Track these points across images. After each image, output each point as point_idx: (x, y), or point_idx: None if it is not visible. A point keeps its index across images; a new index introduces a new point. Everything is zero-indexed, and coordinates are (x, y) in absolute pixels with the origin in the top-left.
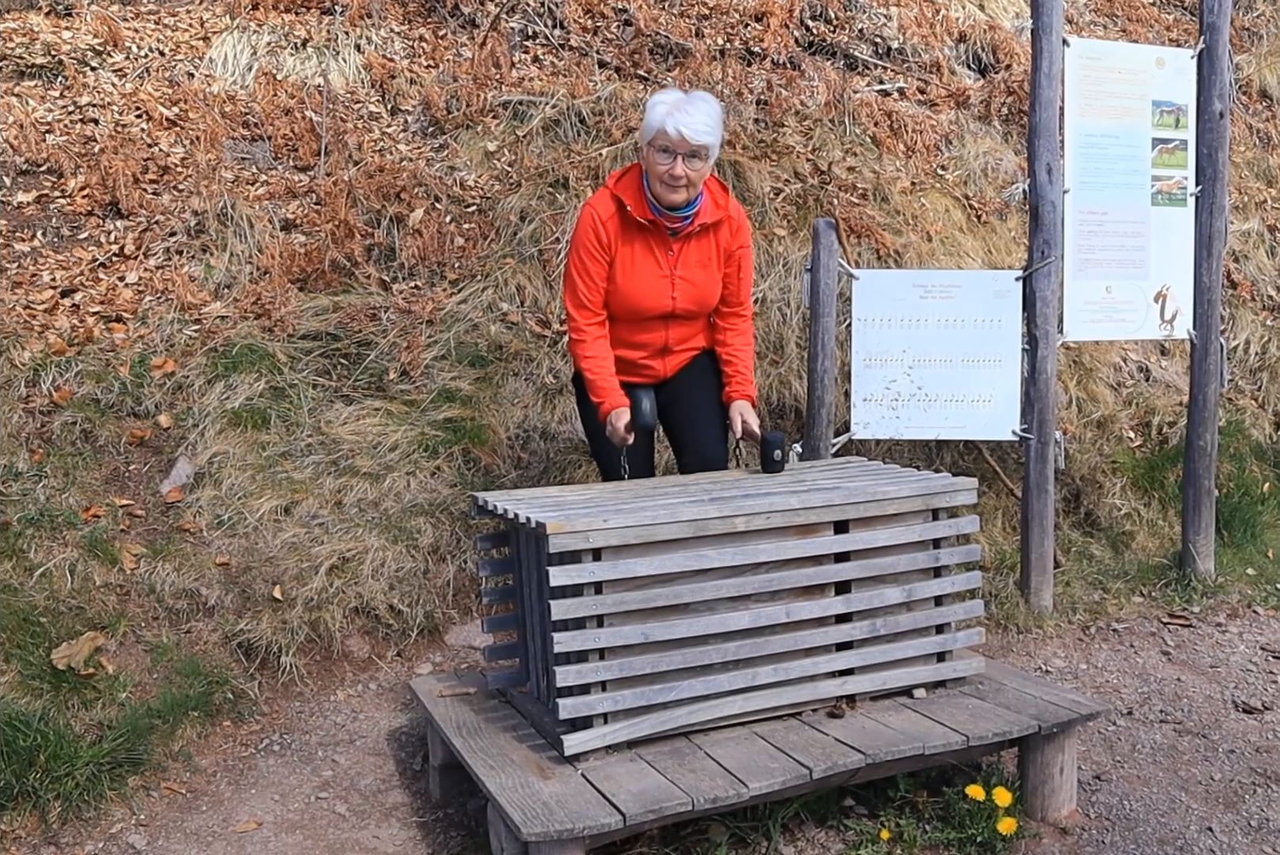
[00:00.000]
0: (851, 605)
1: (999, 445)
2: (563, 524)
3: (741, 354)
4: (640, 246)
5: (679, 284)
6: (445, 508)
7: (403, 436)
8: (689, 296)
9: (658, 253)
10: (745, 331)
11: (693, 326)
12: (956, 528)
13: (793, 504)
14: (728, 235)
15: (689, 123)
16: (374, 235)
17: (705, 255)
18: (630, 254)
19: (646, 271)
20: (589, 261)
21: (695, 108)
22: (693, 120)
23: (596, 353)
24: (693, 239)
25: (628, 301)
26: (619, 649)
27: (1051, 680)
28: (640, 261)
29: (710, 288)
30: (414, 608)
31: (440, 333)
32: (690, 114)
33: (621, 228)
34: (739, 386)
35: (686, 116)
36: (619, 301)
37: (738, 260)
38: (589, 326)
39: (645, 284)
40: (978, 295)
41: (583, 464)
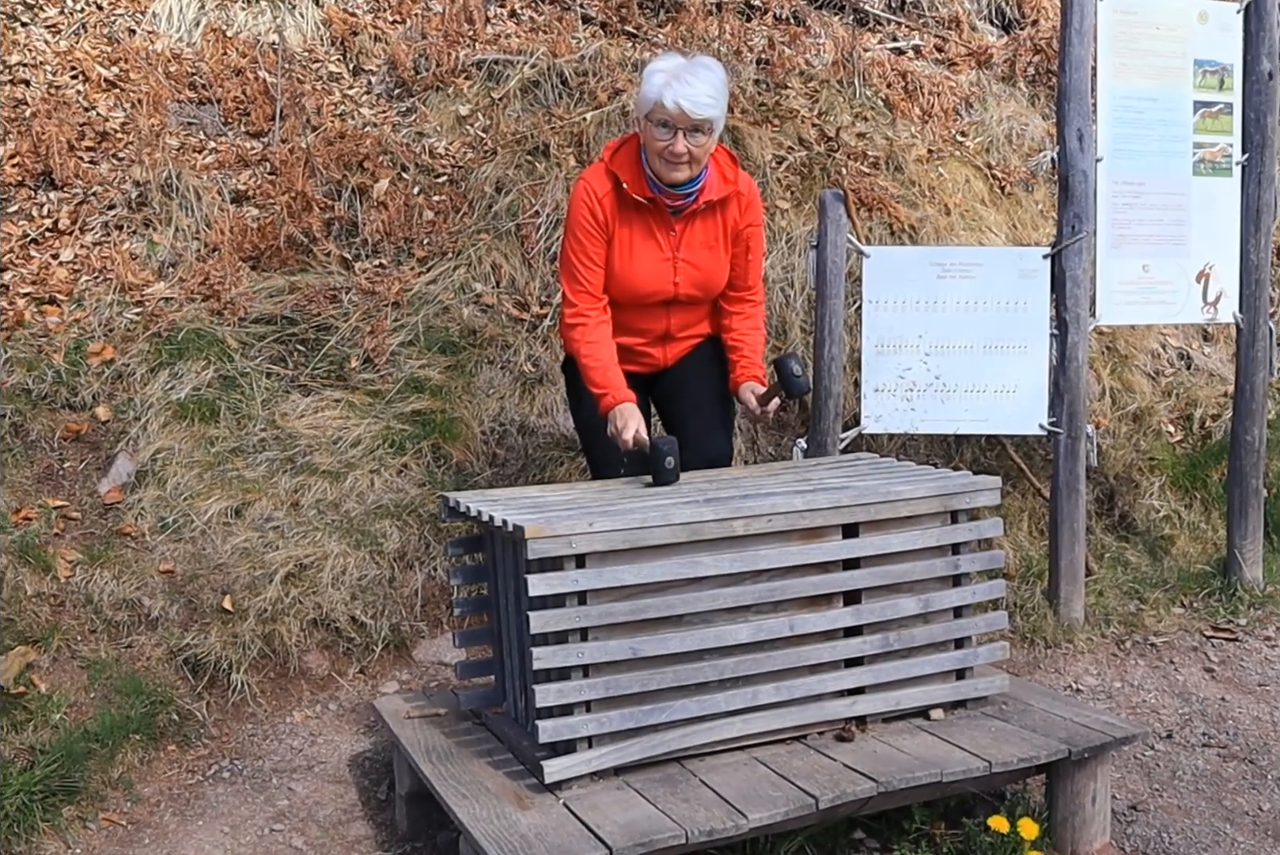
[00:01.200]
0: (861, 617)
1: (1025, 440)
2: (542, 527)
3: (749, 338)
4: (639, 227)
5: (682, 267)
6: (413, 509)
7: (366, 431)
8: (693, 281)
9: (658, 234)
10: (754, 316)
11: (696, 312)
12: (978, 531)
13: (797, 505)
14: (736, 212)
15: (689, 94)
16: (334, 208)
17: (711, 235)
18: (628, 235)
19: (646, 255)
20: (586, 241)
21: (696, 76)
22: (693, 91)
23: (598, 338)
24: (697, 218)
25: (625, 287)
26: (605, 666)
27: (1083, 700)
28: (639, 244)
29: (716, 271)
30: (378, 620)
31: (407, 316)
32: (690, 84)
33: (618, 206)
34: (746, 369)
35: (686, 87)
36: (616, 287)
37: (747, 240)
38: (591, 311)
39: (644, 268)
40: (1001, 274)
41: (565, 461)
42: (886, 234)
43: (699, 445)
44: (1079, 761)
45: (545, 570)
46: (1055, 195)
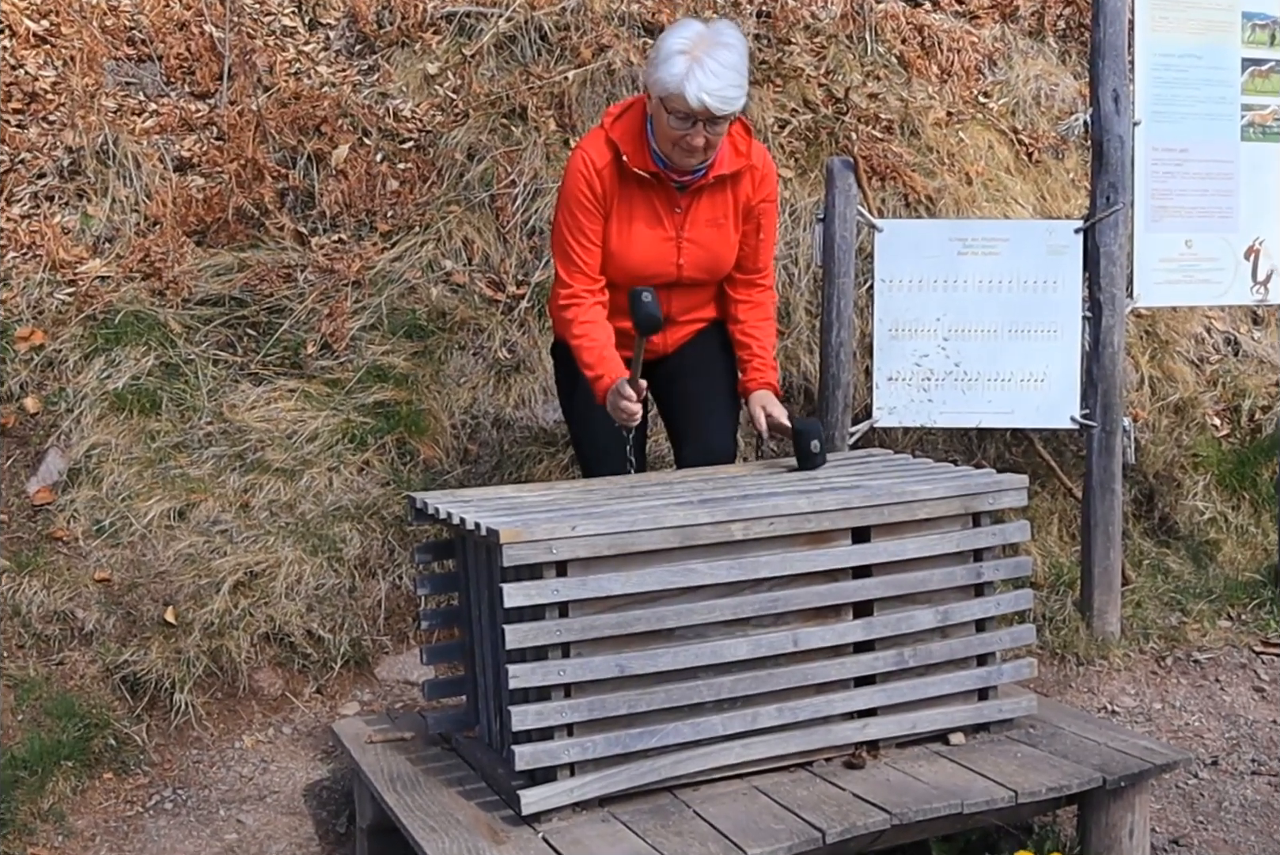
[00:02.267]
0: (873, 631)
1: (1054, 435)
2: (519, 531)
3: (759, 332)
4: (640, 203)
5: (686, 248)
6: (376, 511)
7: (324, 424)
8: (698, 263)
9: (661, 211)
10: (763, 304)
11: (700, 294)
12: (1002, 536)
13: (801, 506)
14: (749, 187)
15: (714, 88)
16: (288, 177)
17: (720, 212)
18: (627, 212)
19: (647, 234)
20: (582, 217)
21: (720, 62)
22: (719, 84)
23: (593, 318)
24: (705, 193)
25: (623, 268)
26: (588, 684)
27: (1119, 723)
28: (640, 221)
29: (724, 252)
30: (337, 634)
31: (369, 297)
32: (716, 74)
33: (618, 179)
34: (758, 373)
35: (711, 79)
36: (613, 267)
37: (759, 217)
38: (586, 293)
39: (645, 248)
40: (1029, 251)
41: (544, 458)
42: (901, 206)
43: (699, 439)
44: (1115, 791)
45: (522, 579)
46: (1088, 163)
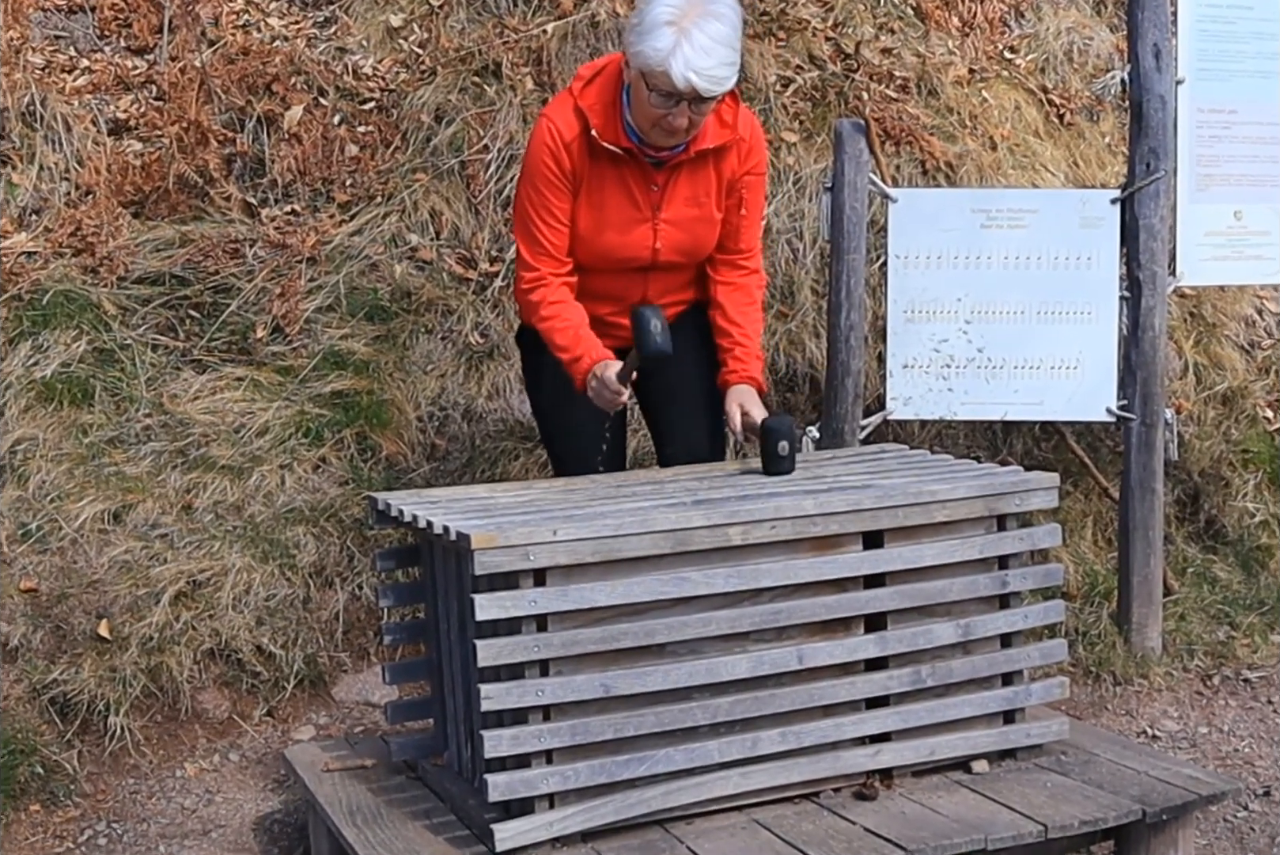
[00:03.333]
0: (887, 646)
1: (1089, 429)
2: (493, 536)
3: (742, 318)
4: (612, 180)
5: (663, 230)
6: (333, 514)
7: (275, 416)
8: (676, 246)
9: (635, 189)
10: (747, 287)
11: (680, 276)
12: (1031, 541)
13: (807, 508)
14: (735, 161)
15: (704, 67)
16: (236, 142)
17: (701, 189)
18: (598, 189)
19: (620, 215)
20: (549, 194)
21: (711, 34)
22: (709, 62)
23: (562, 298)
24: (684, 168)
25: (594, 251)
26: (570, 706)
27: (1160, 749)
28: (612, 201)
29: (705, 233)
30: (290, 650)
31: (326, 274)
32: (707, 51)
33: (588, 153)
34: (740, 364)
35: (701, 57)
36: (583, 250)
37: (742, 191)
38: (552, 276)
39: (618, 231)
40: (1060, 223)
41: (520, 454)
42: (918, 173)
43: (681, 438)
44: (1155, 825)
45: (496, 588)
46: (1125, 126)
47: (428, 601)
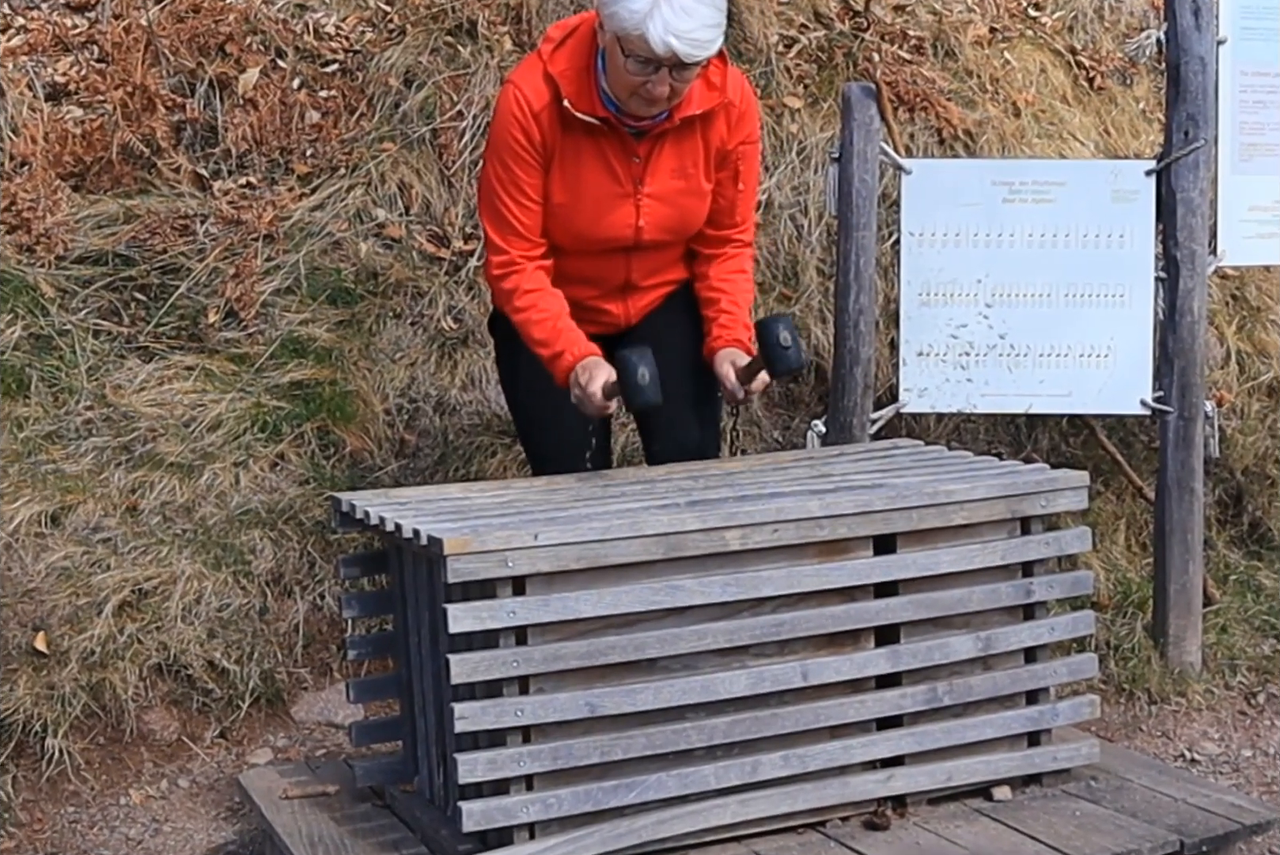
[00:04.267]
0: (900, 661)
1: (1121, 423)
2: (467, 540)
3: (729, 285)
4: (588, 152)
5: (647, 206)
6: (292, 516)
7: (229, 409)
8: (662, 223)
9: (614, 161)
10: (737, 257)
11: (667, 255)
12: (1058, 546)
13: (812, 510)
14: (724, 129)
15: (686, 31)
16: (185, 108)
17: (688, 160)
18: (573, 163)
19: (597, 190)
20: (518, 170)
21: None
22: (691, 25)
23: (537, 285)
24: (668, 137)
25: (570, 232)
26: (552, 727)
27: (1200, 774)
28: (588, 175)
29: (693, 208)
30: (245, 665)
31: (284, 253)
32: (688, 12)
33: (560, 124)
34: (725, 330)
35: (682, 19)
36: (559, 230)
37: (735, 162)
38: (524, 259)
39: (596, 208)
40: (1090, 197)
41: (498, 450)
42: (934, 142)
43: (672, 434)
44: None
45: (471, 598)
46: (1161, 90)
47: (396, 612)
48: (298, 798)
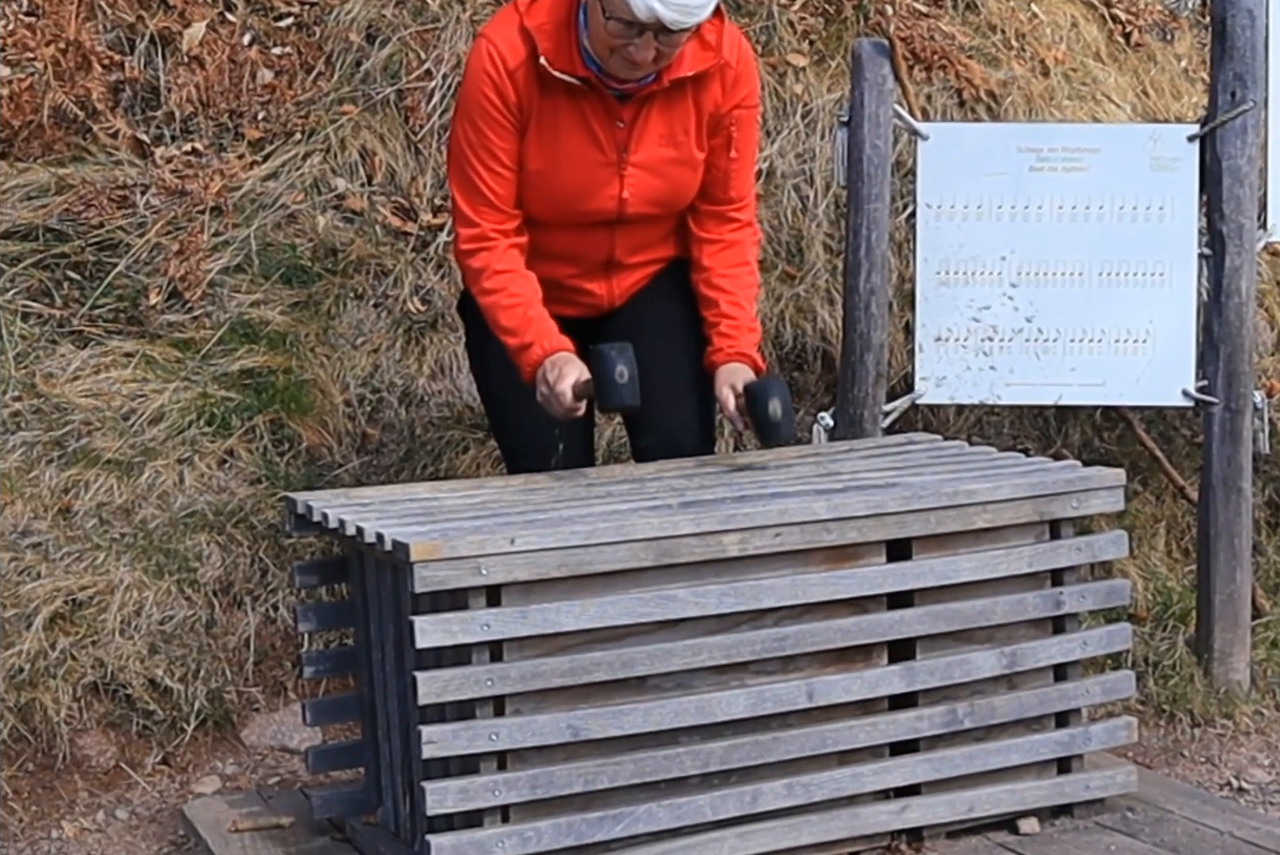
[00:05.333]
0: (916, 679)
1: (1161, 415)
2: (437, 545)
3: (731, 283)
4: (567, 116)
5: (632, 176)
6: (242, 518)
7: (172, 400)
8: (648, 195)
9: (596, 126)
10: (738, 244)
11: (654, 230)
12: (1090, 551)
13: (819, 512)
14: (718, 91)
15: None
16: (124, 66)
17: (678, 126)
18: (551, 127)
19: (577, 158)
20: (490, 133)
21: None
22: None
23: (509, 266)
24: (656, 101)
25: (548, 203)
26: (531, 753)
27: (1248, 805)
28: (567, 140)
29: (684, 179)
30: (190, 684)
31: (234, 228)
32: None
33: (538, 84)
34: (728, 340)
35: None
36: (532, 200)
37: (730, 128)
38: (497, 233)
39: (575, 178)
40: (1126, 165)
41: (470, 445)
42: (953, 105)
43: (661, 428)
44: None
45: (441, 609)
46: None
47: (357, 625)
48: (248, 831)
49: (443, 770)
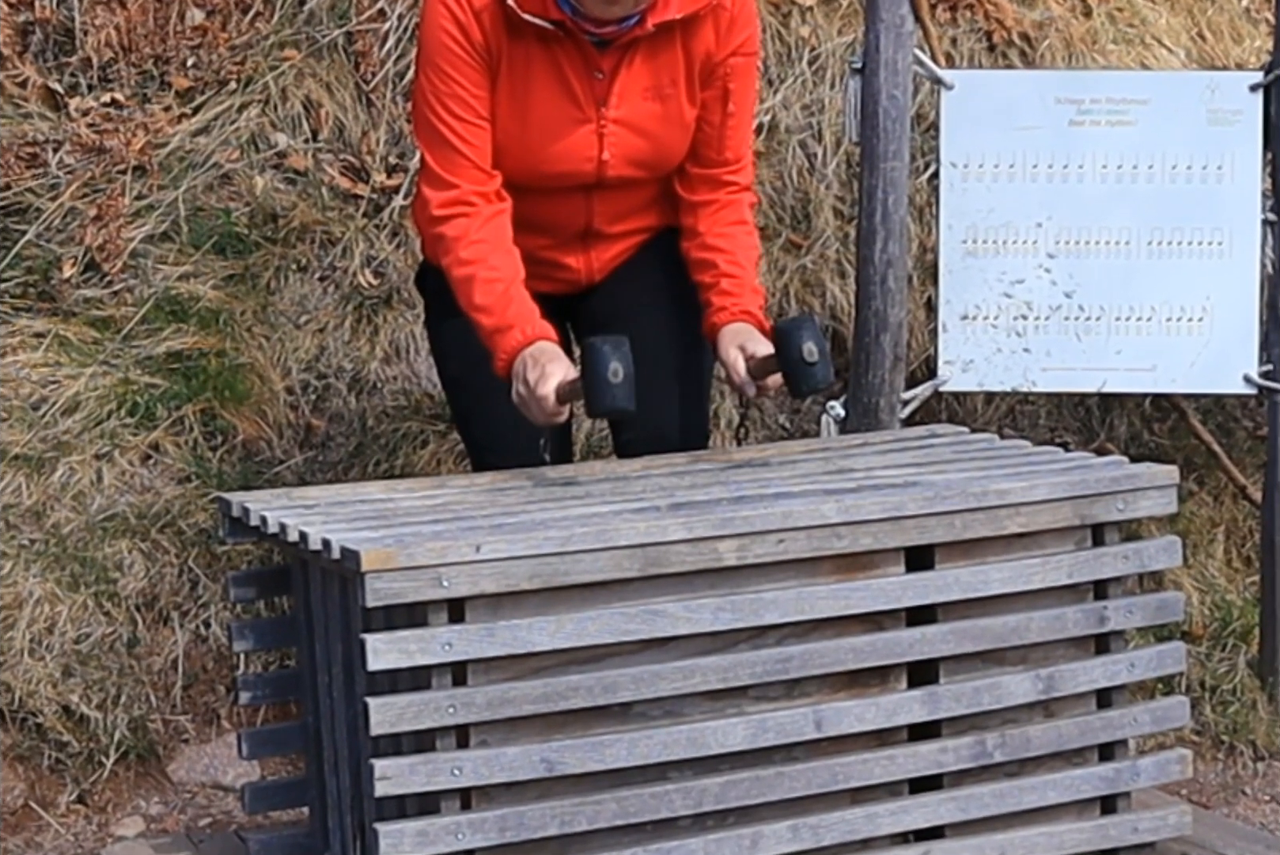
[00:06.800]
0: (939, 707)
1: (1219, 404)
2: (391, 553)
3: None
4: (539, 65)
5: (612, 134)
6: (169, 522)
7: (89, 387)
8: (631, 155)
9: (572, 77)
10: (734, 204)
11: (638, 195)
12: (1139, 560)
13: (828, 515)
14: (711, 37)
15: None
16: (34, 6)
17: (665, 76)
18: (521, 77)
19: (550, 112)
20: (458, 76)
21: None
22: None
23: (489, 236)
24: (639, 49)
25: (518, 163)
26: (499, 790)
27: None
28: (539, 93)
29: (672, 137)
30: (110, 711)
31: (160, 190)
32: None
33: (506, 28)
34: (730, 298)
35: None
36: (501, 160)
37: (726, 79)
38: (477, 197)
39: (547, 135)
40: (1180, 118)
41: (430, 439)
42: (981, 49)
43: (652, 412)
44: None
45: (397, 626)
46: None
47: (300, 644)
48: None
49: (398, 810)
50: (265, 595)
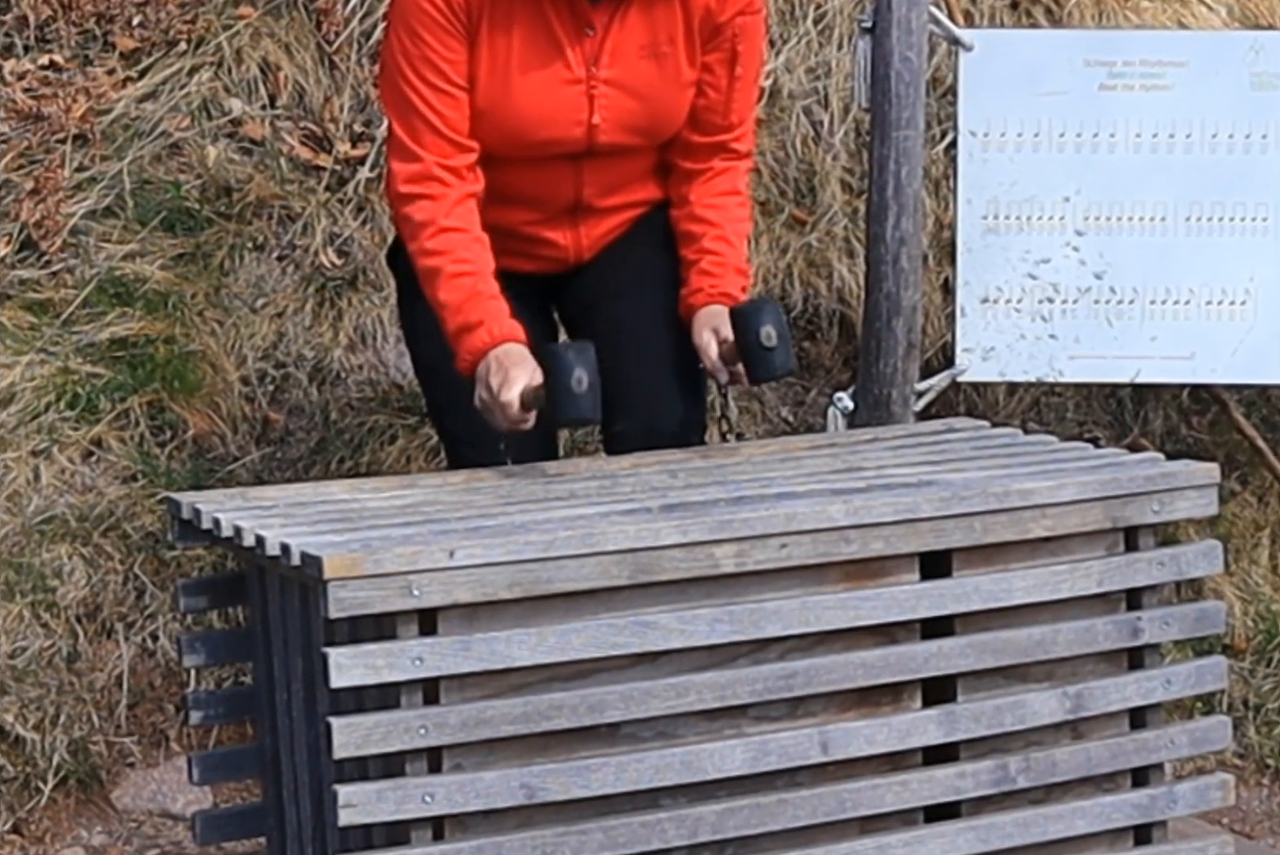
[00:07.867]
0: (957, 727)
1: (1264, 396)
2: (356, 558)
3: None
4: (524, 22)
5: (604, 97)
6: (113, 525)
7: (24, 378)
8: (625, 120)
9: (561, 34)
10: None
11: (632, 165)
12: (1176, 567)
13: (835, 517)
14: None
15: None
16: None
17: (663, 34)
18: (504, 35)
19: (537, 74)
20: (431, 39)
21: None
22: None
23: (460, 223)
24: (635, 3)
25: (499, 130)
26: (475, 819)
27: None
28: (523, 52)
29: (669, 101)
30: (48, 732)
31: (103, 161)
32: None
33: None
34: (709, 279)
35: None
36: (482, 126)
37: (732, 40)
38: (444, 171)
39: (532, 98)
40: (1221, 83)
41: (400, 433)
42: (1003, 6)
43: (640, 411)
44: None
45: (362, 639)
46: None
47: (257, 659)
48: None
49: (364, 840)
50: (218, 605)
